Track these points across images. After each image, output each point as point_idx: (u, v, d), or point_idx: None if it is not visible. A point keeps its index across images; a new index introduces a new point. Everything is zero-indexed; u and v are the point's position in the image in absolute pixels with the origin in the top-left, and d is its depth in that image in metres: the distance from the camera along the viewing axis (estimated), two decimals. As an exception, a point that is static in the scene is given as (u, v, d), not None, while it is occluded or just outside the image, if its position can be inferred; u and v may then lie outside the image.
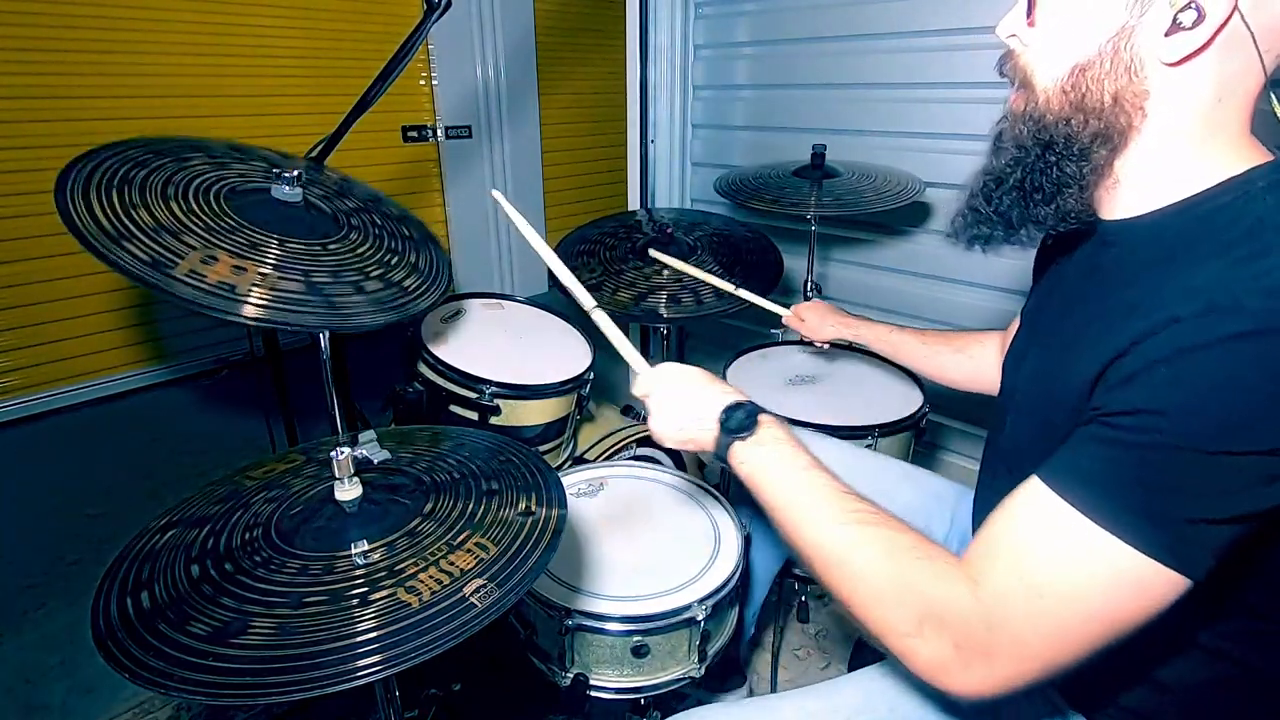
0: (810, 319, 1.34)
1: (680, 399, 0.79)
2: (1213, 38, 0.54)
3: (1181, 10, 0.53)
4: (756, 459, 0.71)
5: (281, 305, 0.83)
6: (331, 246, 0.95)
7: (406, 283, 0.99)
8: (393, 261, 1.00)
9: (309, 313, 0.85)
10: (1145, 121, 0.60)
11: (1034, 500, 0.57)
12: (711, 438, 0.75)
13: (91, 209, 0.80)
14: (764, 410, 0.75)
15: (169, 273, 0.78)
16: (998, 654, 0.55)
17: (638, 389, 0.84)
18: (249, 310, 0.81)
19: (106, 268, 0.76)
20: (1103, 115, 0.60)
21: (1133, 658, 0.63)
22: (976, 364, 1.10)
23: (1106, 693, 0.70)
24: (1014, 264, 1.70)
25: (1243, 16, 0.53)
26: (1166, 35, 0.55)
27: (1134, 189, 0.64)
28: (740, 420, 0.73)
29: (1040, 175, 0.64)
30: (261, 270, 0.85)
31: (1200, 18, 0.53)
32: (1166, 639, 0.64)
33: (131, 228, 0.81)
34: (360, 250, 0.98)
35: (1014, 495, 0.59)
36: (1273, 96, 0.61)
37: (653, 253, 1.47)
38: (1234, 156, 0.60)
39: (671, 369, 0.82)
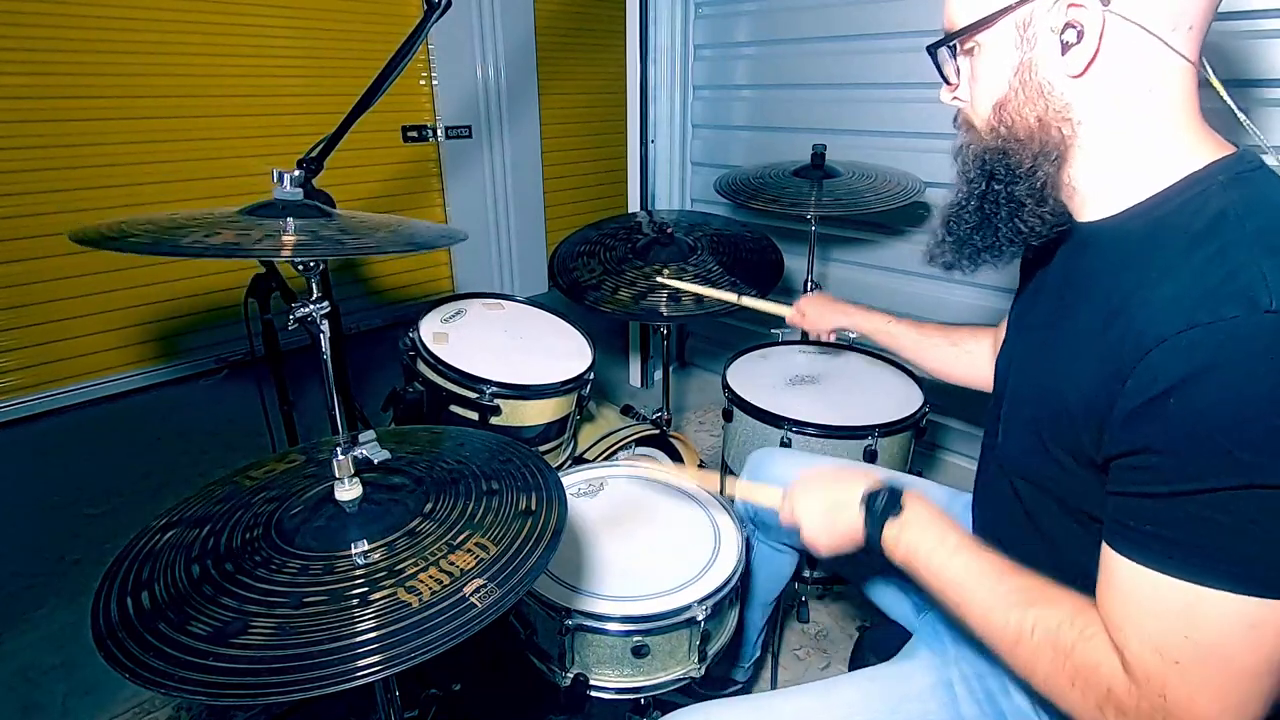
0: (811, 314, 1.34)
1: (820, 500, 0.79)
2: (1100, 43, 0.59)
3: (1063, 33, 0.60)
4: (909, 543, 0.72)
5: (301, 246, 0.81)
6: (338, 221, 0.94)
7: (415, 238, 0.99)
8: (402, 229, 1.00)
9: (324, 251, 0.82)
10: (1080, 129, 0.64)
11: (1135, 582, 0.56)
12: (860, 527, 0.75)
13: (97, 231, 0.79)
14: (906, 489, 0.75)
15: (178, 244, 0.75)
16: None
17: (783, 516, 0.83)
18: (285, 243, 0.78)
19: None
20: (1034, 137, 0.65)
21: None
22: (972, 359, 1.10)
23: None
24: (1012, 264, 1.70)
25: (1122, 16, 0.58)
26: (1063, 55, 0.61)
27: (1094, 194, 0.66)
28: (884, 504, 0.74)
29: (993, 201, 0.69)
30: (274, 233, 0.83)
31: (1081, 32, 0.59)
32: None
33: (134, 230, 0.80)
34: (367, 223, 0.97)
35: (1112, 578, 0.58)
36: (1210, 73, 0.62)
37: (661, 279, 1.51)
38: (1191, 151, 0.61)
39: (804, 475, 0.83)
